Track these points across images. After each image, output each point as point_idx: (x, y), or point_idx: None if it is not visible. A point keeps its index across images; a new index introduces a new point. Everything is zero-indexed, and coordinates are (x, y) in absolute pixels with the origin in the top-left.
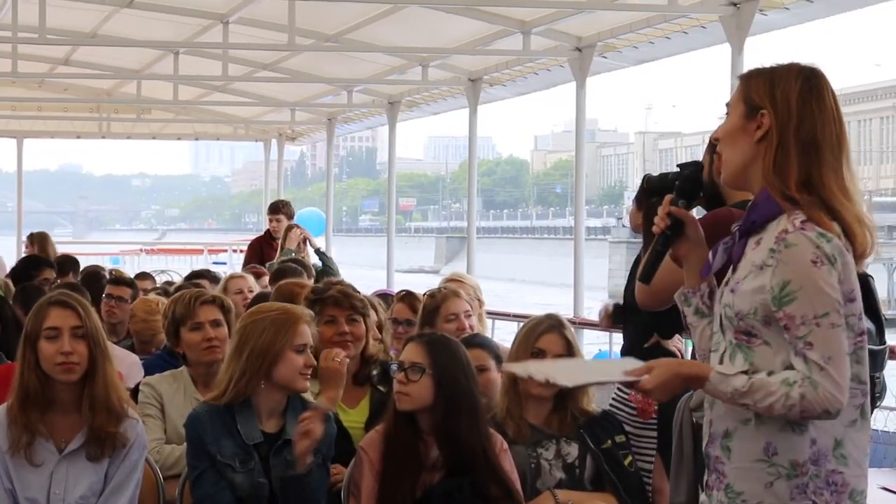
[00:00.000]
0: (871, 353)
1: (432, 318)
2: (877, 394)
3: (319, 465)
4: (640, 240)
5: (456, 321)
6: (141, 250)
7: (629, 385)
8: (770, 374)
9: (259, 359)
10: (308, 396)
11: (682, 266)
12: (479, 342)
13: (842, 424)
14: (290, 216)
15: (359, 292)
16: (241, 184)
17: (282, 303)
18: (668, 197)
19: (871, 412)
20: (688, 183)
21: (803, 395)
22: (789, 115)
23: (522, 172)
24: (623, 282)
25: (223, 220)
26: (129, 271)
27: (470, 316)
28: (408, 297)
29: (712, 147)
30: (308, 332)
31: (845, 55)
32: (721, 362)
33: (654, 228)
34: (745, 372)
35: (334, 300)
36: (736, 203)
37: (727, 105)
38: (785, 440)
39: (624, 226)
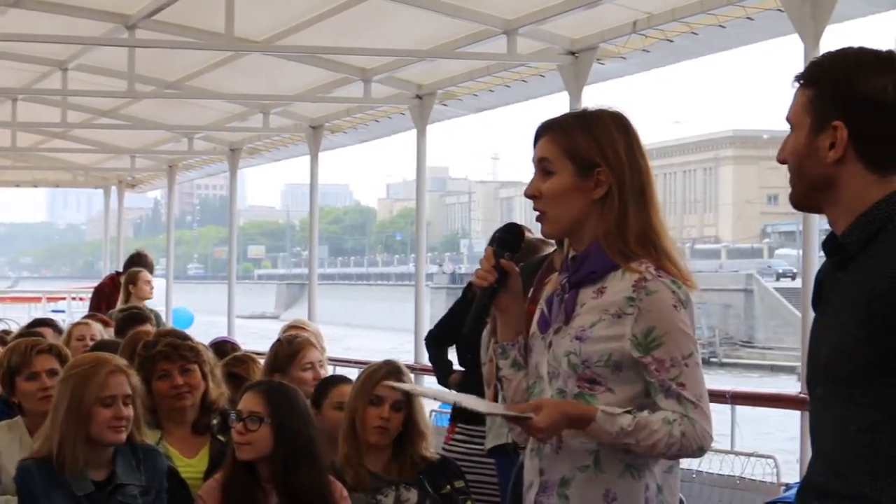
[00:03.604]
0: None
1: (286, 364)
2: None
3: (153, 500)
4: (458, 285)
5: (311, 370)
6: None
7: (518, 421)
8: (649, 413)
9: (73, 419)
10: (151, 440)
11: (500, 319)
12: (343, 379)
13: (661, 470)
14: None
15: (190, 339)
16: (95, 231)
17: (94, 353)
18: (489, 249)
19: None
20: (510, 235)
21: (684, 432)
22: (623, 172)
23: (370, 220)
24: None
25: (77, 267)
26: None
27: (323, 366)
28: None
29: None
30: (116, 382)
31: (651, 111)
32: None
33: (479, 282)
34: (628, 411)
35: (163, 355)
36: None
37: (545, 160)
38: (624, 486)
39: (444, 273)
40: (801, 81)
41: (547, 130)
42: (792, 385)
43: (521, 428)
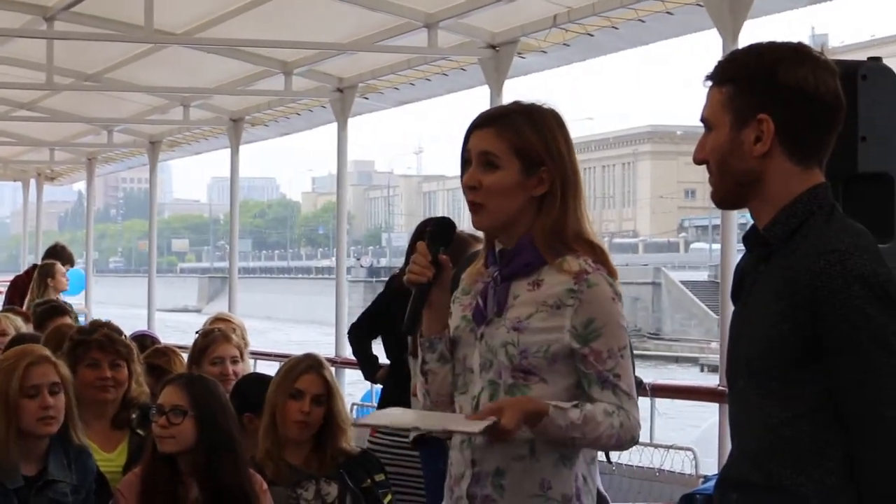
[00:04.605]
0: None
1: (199, 358)
2: None
3: (83, 500)
4: (375, 279)
5: (220, 365)
6: None
7: (485, 431)
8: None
9: (2, 413)
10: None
11: (427, 313)
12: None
13: (585, 462)
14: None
15: (124, 335)
16: (19, 224)
17: (20, 346)
18: (422, 244)
19: None
20: (443, 228)
21: (622, 423)
22: (565, 170)
23: (294, 213)
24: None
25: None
26: None
27: (237, 362)
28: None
29: None
30: (39, 372)
31: (570, 106)
32: (476, 403)
33: (417, 278)
34: (575, 405)
35: (98, 344)
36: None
37: (490, 154)
38: (558, 475)
39: (362, 266)
40: (716, 79)
41: (490, 123)
42: (695, 375)
43: (488, 436)
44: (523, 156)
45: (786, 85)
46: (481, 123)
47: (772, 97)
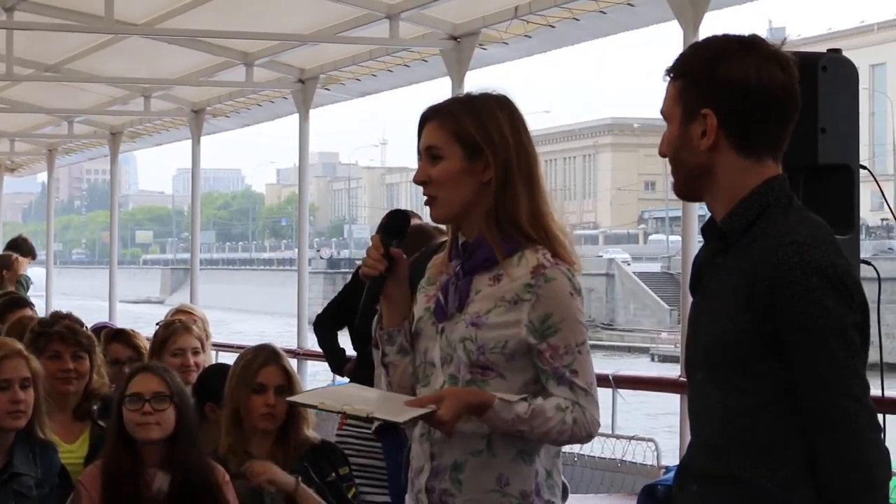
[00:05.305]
0: None
1: (160, 349)
2: None
3: (46, 494)
4: (336, 270)
5: (181, 357)
6: None
7: (422, 418)
8: (542, 399)
9: None
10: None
11: (385, 305)
12: None
13: (550, 456)
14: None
15: (86, 327)
16: None
17: None
18: (376, 238)
19: None
20: (395, 221)
21: (575, 419)
22: (509, 154)
23: (258, 205)
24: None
25: None
26: None
27: (198, 353)
28: (120, 335)
29: None
30: (11, 366)
31: (532, 98)
32: None
33: (369, 271)
34: (524, 398)
35: (60, 336)
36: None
37: (433, 147)
38: (516, 471)
39: (322, 258)
40: (671, 74)
41: (433, 116)
42: (646, 364)
43: (426, 423)
44: (464, 142)
45: (727, 79)
46: (425, 118)
47: (714, 92)
